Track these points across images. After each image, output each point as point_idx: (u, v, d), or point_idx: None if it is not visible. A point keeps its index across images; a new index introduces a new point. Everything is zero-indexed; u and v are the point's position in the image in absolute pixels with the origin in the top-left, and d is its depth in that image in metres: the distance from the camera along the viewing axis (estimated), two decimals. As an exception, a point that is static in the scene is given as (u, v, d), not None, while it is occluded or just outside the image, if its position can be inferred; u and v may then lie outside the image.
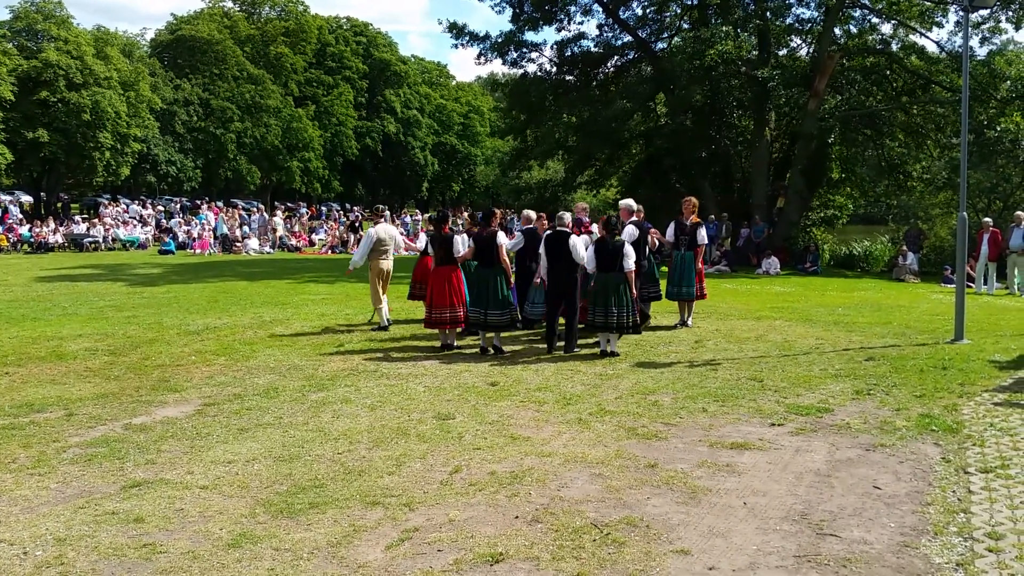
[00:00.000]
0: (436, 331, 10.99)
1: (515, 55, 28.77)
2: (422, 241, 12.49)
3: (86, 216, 41.23)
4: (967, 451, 6.18)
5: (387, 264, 12.10)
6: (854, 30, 27.29)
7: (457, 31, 28.51)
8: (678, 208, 12.35)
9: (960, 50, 22.40)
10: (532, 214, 11.83)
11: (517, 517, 5.02)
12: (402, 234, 13.51)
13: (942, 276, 20.77)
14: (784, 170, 27.61)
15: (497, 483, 5.59)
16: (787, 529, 4.83)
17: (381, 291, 11.99)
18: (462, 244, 10.64)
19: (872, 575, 4.26)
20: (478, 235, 10.60)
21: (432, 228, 11.25)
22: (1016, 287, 18.03)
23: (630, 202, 12.06)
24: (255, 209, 43.79)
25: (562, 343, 10.47)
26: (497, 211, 11.64)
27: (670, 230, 12.24)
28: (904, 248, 23.29)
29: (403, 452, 6.25)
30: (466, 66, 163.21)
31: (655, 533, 4.77)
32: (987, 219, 19.11)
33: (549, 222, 11.26)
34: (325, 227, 38.27)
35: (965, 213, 11.61)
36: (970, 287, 17.51)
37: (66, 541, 4.69)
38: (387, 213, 13.44)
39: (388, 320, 12.09)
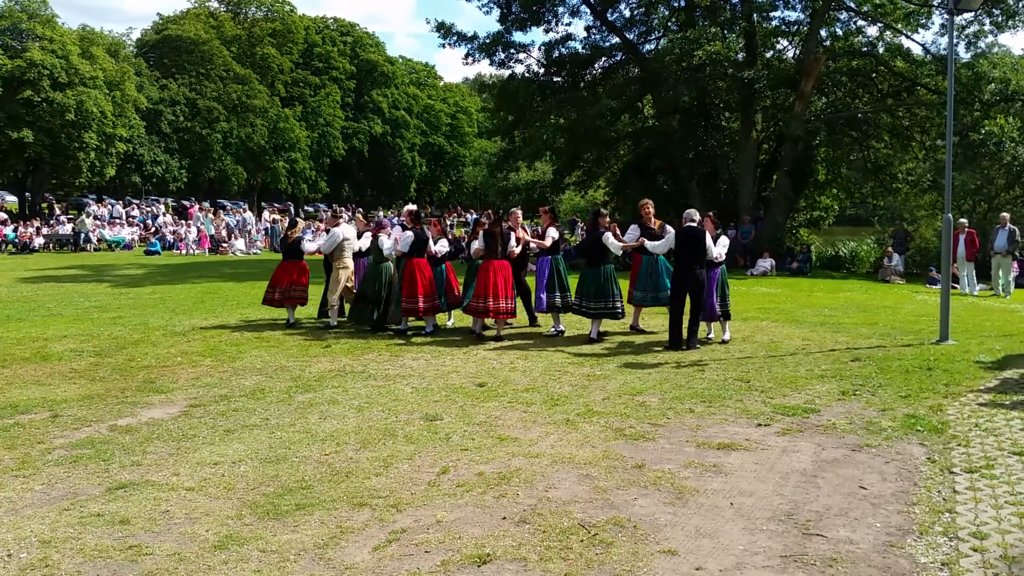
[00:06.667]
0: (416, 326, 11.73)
1: (503, 56, 28.75)
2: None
3: (71, 216, 40.93)
4: (952, 451, 6.22)
5: (352, 263, 12.65)
6: (840, 32, 27.42)
7: (445, 31, 28.46)
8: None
9: (945, 52, 22.56)
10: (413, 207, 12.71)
11: (505, 518, 5.01)
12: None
13: (927, 277, 20.88)
14: (771, 171, 27.73)
15: (485, 484, 5.58)
16: (773, 529, 4.85)
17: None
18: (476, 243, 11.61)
19: (858, 575, 4.27)
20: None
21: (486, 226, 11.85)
22: (1000, 288, 18.16)
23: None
24: (240, 209, 43.67)
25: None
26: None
27: (634, 233, 11.70)
28: (890, 249, 23.42)
29: (390, 453, 6.24)
30: (453, 67, 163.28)
31: (642, 534, 4.77)
32: (962, 220, 19.19)
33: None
34: (312, 228, 38.16)
35: (950, 215, 11.68)
36: (955, 288, 17.62)
37: (51, 543, 4.65)
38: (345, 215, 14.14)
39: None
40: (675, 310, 10.76)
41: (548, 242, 11.81)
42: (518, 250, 11.59)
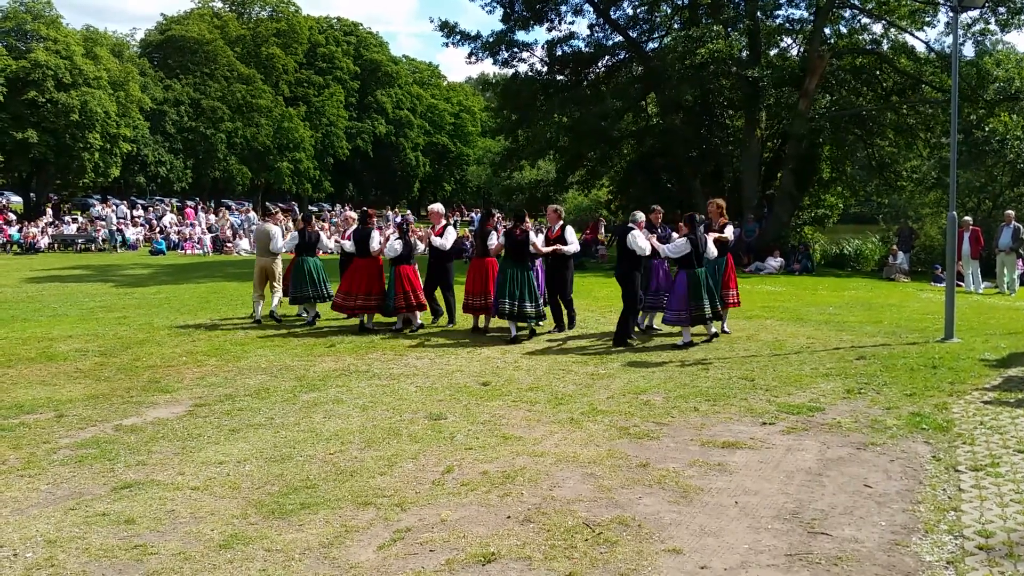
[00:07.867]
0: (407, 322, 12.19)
1: (506, 55, 28.74)
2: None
3: (74, 216, 40.97)
4: (957, 449, 6.21)
5: (263, 261, 12.96)
6: (844, 30, 27.37)
7: (448, 30, 28.46)
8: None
9: (949, 50, 22.50)
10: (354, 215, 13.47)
11: (509, 517, 5.02)
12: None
13: (932, 275, 20.84)
14: (775, 170, 27.69)
15: (489, 483, 5.59)
16: (778, 528, 4.84)
17: (259, 286, 13.04)
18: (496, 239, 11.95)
19: (863, 573, 4.27)
20: (479, 231, 12.36)
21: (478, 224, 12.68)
22: (1005, 286, 18.12)
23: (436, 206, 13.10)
24: (244, 209, 43.73)
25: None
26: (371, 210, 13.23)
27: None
28: (895, 247, 23.37)
29: (395, 452, 6.25)
30: (457, 66, 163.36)
31: (647, 532, 4.77)
32: (967, 218, 19.17)
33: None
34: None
35: (955, 212, 11.66)
36: (960, 286, 17.59)
37: (57, 543, 4.66)
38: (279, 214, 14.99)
39: (259, 316, 12.92)
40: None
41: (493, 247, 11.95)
42: (493, 248, 11.88)
